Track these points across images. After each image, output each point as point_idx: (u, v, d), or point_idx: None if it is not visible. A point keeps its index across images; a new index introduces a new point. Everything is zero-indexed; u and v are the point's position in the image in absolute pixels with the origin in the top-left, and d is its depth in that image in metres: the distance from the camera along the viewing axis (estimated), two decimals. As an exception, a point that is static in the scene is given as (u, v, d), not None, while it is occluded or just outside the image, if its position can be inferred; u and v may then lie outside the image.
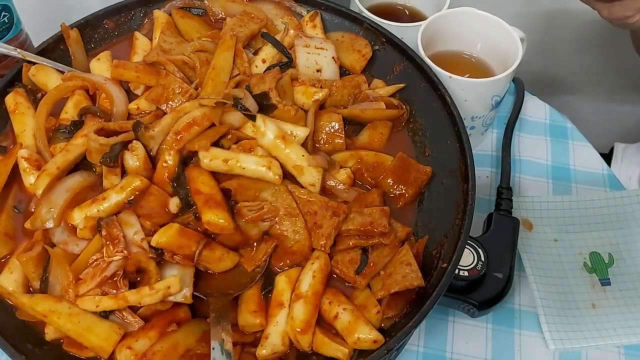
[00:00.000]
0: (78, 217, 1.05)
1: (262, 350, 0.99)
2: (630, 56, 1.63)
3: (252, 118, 1.12)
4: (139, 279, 1.01)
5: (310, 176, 1.08)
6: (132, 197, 1.05)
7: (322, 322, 1.03)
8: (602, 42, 1.86)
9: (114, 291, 0.99)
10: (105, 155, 1.04)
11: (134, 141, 1.07)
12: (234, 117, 1.11)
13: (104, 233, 1.01)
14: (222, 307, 1.00)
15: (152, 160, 1.09)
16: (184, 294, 1.00)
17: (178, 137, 1.08)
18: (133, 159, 1.07)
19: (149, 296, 0.97)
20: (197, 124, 1.08)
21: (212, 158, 1.07)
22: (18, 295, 1.00)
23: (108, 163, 1.04)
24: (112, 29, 1.32)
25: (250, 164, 1.07)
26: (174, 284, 0.98)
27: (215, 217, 1.00)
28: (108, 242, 1.00)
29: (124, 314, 0.99)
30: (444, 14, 1.39)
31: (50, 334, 1.00)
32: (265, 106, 1.14)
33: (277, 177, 1.06)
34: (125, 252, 0.99)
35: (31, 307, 0.98)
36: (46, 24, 1.32)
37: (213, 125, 1.10)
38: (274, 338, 1.00)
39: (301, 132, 1.12)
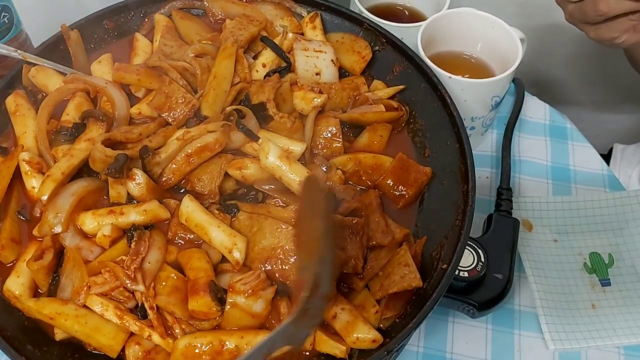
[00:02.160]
0: (90, 222, 1.05)
1: None
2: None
3: (255, 138, 1.13)
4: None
5: None
6: (151, 223, 1.06)
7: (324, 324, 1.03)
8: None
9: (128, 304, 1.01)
10: (110, 167, 1.04)
11: (134, 169, 1.07)
12: (237, 137, 1.13)
13: (133, 245, 1.01)
14: None
15: (156, 182, 1.10)
16: None
17: (190, 160, 1.10)
18: (135, 187, 1.07)
19: (145, 339, 1.00)
20: (209, 149, 1.10)
21: (187, 218, 1.06)
22: (24, 300, 1.01)
23: (113, 174, 1.04)
24: (112, 29, 1.32)
25: (216, 240, 1.04)
26: None
27: (197, 305, 0.98)
28: (133, 257, 1.00)
29: (126, 318, 1.00)
30: (444, 15, 1.39)
31: (59, 334, 1.01)
32: (262, 117, 1.15)
33: (235, 263, 1.03)
34: (133, 285, 0.99)
35: (38, 310, 0.99)
36: (46, 24, 1.32)
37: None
38: None
39: (298, 148, 1.13)
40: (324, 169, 1.13)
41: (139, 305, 1.00)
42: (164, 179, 1.11)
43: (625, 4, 1.17)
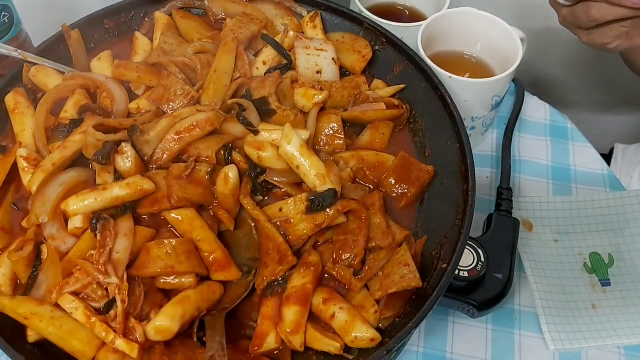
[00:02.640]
0: (73, 203, 1.03)
1: (255, 347, 0.99)
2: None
3: (255, 131, 1.13)
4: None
5: (330, 186, 1.07)
6: (135, 198, 1.04)
7: (320, 322, 1.03)
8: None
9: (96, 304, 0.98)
10: (98, 153, 1.03)
11: (123, 144, 1.06)
12: (237, 129, 1.12)
13: (98, 236, 0.99)
14: (218, 323, 0.99)
15: (145, 163, 1.09)
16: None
17: (177, 137, 1.09)
18: (124, 162, 1.06)
19: (109, 343, 0.97)
20: (199, 127, 1.09)
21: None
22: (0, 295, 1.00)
23: (100, 160, 1.03)
24: (112, 29, 1.32)
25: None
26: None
27: (224, 277, 1.03)
28: (100, 250, 0.98)
29: (94, 319, 0.97)
30: (444, 14, 1.39)
31: (33, 335, 0.99)
32: (265, 111, 1.15)
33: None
34: (105, 279, 0.97)
35: (12, 309, 0.97)
36: (46, 24, 1.32)
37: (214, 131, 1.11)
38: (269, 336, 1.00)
39: (302, 135, 1.11)
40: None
41: (113, 300, 0.97)
42: (155, 158, 1.10)
43: (617, 11, 1.18)
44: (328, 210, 1.04)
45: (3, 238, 1.08)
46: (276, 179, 1.10)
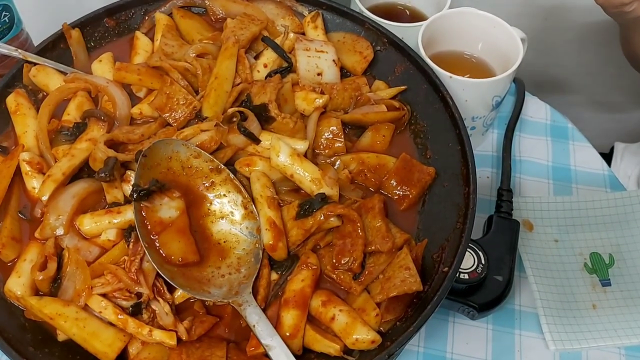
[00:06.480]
0: (88, 223, 1.05)
1: (252, 347, 1.00)
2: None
3: (256, 141, 1.13)
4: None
5: (327, 190, 1.08)
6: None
7: (321, 325, 1.03)
8: (603, 42, 1.85)
9: (124, 302, 1.00)
10: (100, 171, 1.05)
11: (128, 171, 1.08)
12: (238, 139, 1.13)
13: (130, 245, 1.02)
14: None
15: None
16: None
17: None
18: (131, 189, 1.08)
19: (145, 336, 0.99)
20: (204, 147, 1.11)
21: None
22: (26, 297, 1.01)
23: (104, 178, 1.05)
24: (113, 28, 1.32)
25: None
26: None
27: None
28: (132, 258, 1.00)
29: (125, 315, 1.00)
30: (445, 14, 1.38)
31: (61, 335, 1.01)
32: (264, 118, 1.15)
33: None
34: (137, 288, 0.99)
35: (39, 309, 0.99)
36: (46, 24, 1.31)
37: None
38: None
39: (300, 146, 1.13)
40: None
41: (140, 302, 1.00)
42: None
43: None
44: (315, 214, 1.05)
45: (14, 247, 1.08)
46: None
